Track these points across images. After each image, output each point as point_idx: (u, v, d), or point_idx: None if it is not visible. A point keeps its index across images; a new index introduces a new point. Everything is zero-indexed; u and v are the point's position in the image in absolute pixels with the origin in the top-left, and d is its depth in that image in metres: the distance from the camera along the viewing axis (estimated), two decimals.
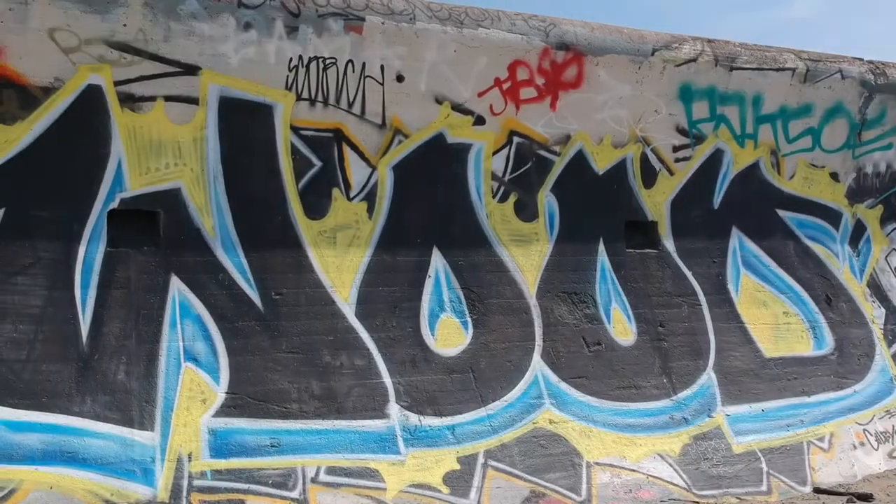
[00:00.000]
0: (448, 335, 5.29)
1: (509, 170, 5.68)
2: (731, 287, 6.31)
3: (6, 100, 4.44)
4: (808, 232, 6.75)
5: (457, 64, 5.38)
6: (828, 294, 6.69)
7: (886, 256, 7.11)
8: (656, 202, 6.14)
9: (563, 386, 5.45)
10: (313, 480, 4.58)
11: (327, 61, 5.05)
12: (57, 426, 4.27)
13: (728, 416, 5.81)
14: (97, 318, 4.53)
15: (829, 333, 6.56)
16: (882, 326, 6.83)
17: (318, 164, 5.13)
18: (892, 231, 7.16)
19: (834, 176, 6.89)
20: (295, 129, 5.05)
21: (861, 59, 6.83)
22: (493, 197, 5.62)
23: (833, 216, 6.89)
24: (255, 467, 4.52)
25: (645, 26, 6.01)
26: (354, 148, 5.22)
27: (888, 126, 7.01)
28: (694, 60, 6.05)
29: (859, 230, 7.01)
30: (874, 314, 6.85)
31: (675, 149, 6.19)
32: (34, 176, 4.47)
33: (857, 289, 6.86)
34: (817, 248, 6.77)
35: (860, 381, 6.49)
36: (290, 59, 4.95)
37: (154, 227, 4.74)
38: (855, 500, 5.35)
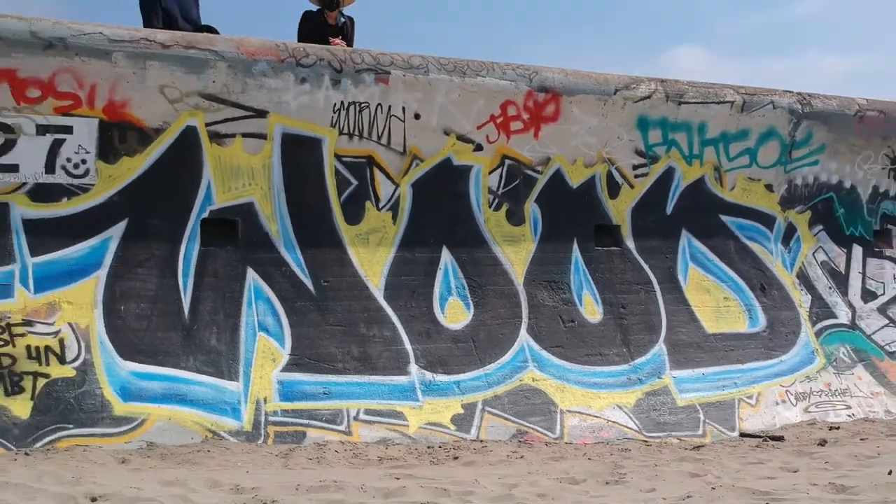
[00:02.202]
0: (454, 313, 6.86)
1: (502, 185, 7.23)
2: (680, 277, 7.84)
3: (129, 138, 6.05)
4: (746, 233, 8.26)
5: (460, 104, 6.94)
6: (762, 283, 8.21)
7: (813, 253, 8.59)
8: (620, 210, 7.68)
9: (544, 353, 7.00)
10: (355, 418, 6.16)
11: (362, 105, 6.63)
12: (170, 376, 5.87)
13: (674, 378, 7.35)
14: (195, 299, 6.13)
15: (762, 315, 8.08)
16: (808, 310, 8.34)
17: (354, 182, 6.70)
18: (818, 232, 8.65)
19: (769, 187, 8.38)
20: (338, 157, 6.63)
21: (790, 92, 8.34)
22: (490, 207, 7.17)
23: (768, 220, 8.37)
24: (312, 408, 6.11)
25: (653, 26, 7.55)
26: (382, 170, 6.79)
27: (814, 146, 8.51)
28: (649, 97, 7.60)
29: (790, 231, 8.49)
30: (801, 300, 8.36)
31: (635, 167, 7.72)
32: (149, 194, 6.07)
33: (787, 279, 8.39)
34: (754, 246, 8.27)
35: (787, 353, 7.99)
36: (335, 104, 6.53)
37: (234, 232, 6.34)
38: (769, 440, 6.88)
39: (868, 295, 8.74)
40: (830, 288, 8.56)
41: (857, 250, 8.83)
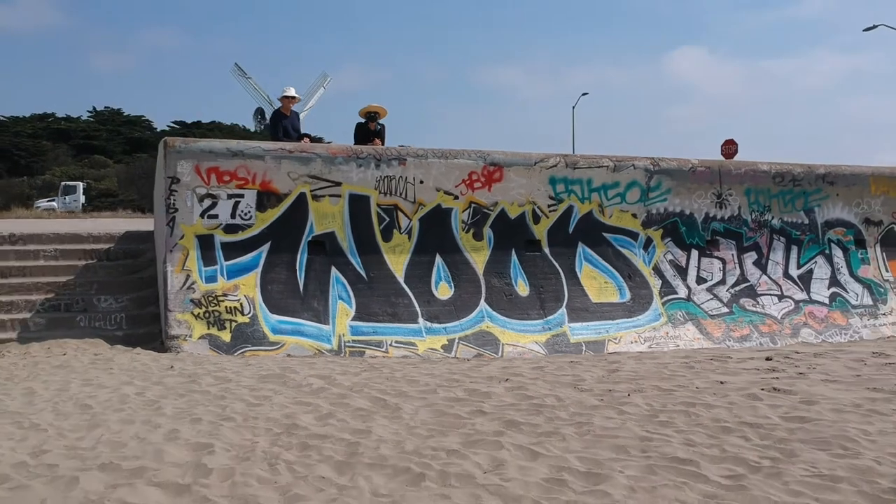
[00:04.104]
0: (443, 291, 12.33)
1: (470, 218, 12.70)
2: (577, 270, 13.26)
3: (271, 199, 11.56)
4: (619, 243, 13.68)
5: (445, 174, 12.44)
6: (629, 273, 13.65)
7: (664, 255, 14.01)
8: (540, 231, 13.13)
9: (494, 313, 12.45)
10: (390, 346, 11.61)
11: (391, 177, 12.13)
12: (295, 322, 11.37)
13: (570, 327, 12.79)
14: (305, 284, 11.63)
15: (628, 292, 13.50)
16: (659, 289, 13.75)
17: (387, 219, 12.19)
18: (667, 242, 14.04)
19: (634, 215, 13.81)
20: (378, 205, 12.12)
21: (646, 158, 13.82)
22: (463, 231, 12.64)
23: (634, 235, 13.79)
24: (367, 339, 11.58)
25: (653, 28, 13.02)
26: (403, 212, 12.28)
27: (663, 189, 13.94)
28: (556, 165, 13.09)
29: (649, 242, 13.92)
30: (655, 283, 13.77)
31: (549, 206, 13.19)
32: (282, 227, 11.58)
33: (646, 271, 13.81)
34: (625, 251, 13.71)
35: (642, 315, 13.39)
36: (377, 177, 12.05)
37: (324, 248, 11.84)
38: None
39: (700, 280, 14.19)
40: (675, 276, 14.02)
41: (694, 253, 14.27)
